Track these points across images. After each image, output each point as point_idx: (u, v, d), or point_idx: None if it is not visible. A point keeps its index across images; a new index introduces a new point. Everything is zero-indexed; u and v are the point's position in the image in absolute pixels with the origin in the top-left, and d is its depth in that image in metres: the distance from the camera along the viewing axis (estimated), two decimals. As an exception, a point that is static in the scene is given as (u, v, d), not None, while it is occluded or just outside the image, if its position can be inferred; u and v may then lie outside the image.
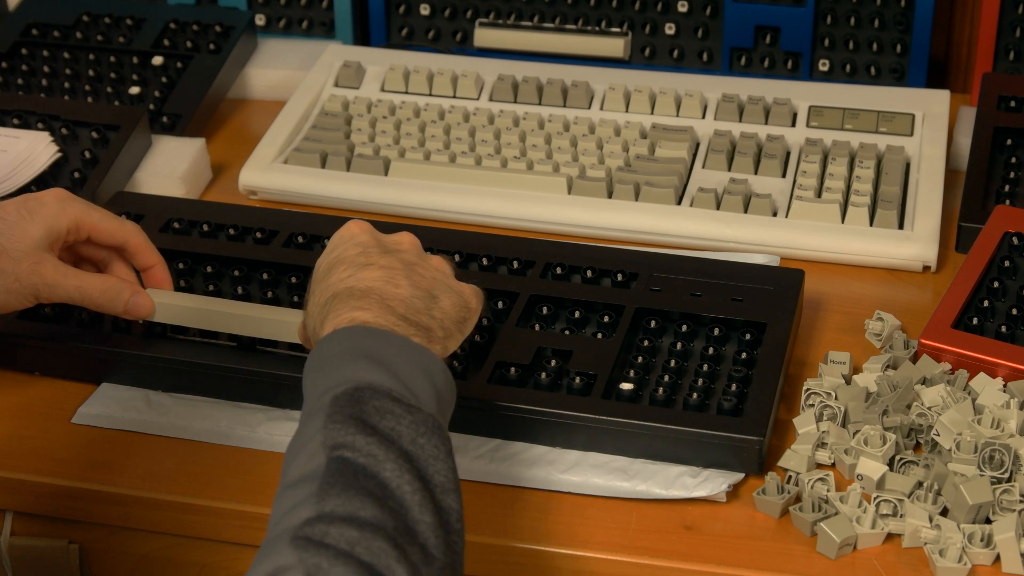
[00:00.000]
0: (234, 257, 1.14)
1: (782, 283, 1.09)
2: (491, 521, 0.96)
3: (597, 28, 1.46)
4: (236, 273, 1.13)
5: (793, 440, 1.00)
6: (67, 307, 1.09)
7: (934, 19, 1.38)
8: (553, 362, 1.02)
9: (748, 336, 1.05)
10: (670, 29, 1.45)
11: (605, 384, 1.00)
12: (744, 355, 1.03)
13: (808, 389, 1.03)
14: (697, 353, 1.05)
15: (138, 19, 1.49)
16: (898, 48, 1.40)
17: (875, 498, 0.94)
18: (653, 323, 1.06)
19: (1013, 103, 1.30)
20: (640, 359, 1.03)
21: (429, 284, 0.90)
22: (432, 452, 0.79)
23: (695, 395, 0.99)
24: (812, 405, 1.02)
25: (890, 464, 0.97)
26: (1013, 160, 1.26)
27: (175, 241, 1.16)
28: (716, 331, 1.06)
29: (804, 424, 1.01)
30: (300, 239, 1.16)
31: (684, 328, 1.06)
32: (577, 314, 1.07)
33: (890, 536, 0.94)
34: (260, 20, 1.53)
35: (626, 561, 0.93)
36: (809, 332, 1.12)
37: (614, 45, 1.45)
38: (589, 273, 1.11)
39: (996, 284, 1.10)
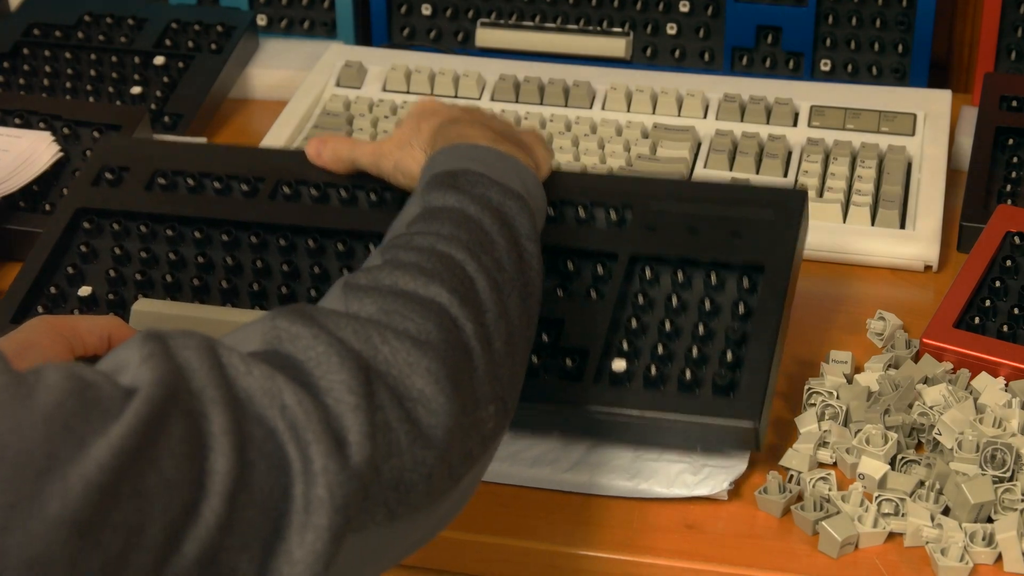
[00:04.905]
0: (222, 219, 1.11)
1: (782, 208, 1.04)
2: (493, 521, 0.96)
3: (599, 28, 1.46)
4: (224, 238, 1.10)
5: (795, 439, 1.00)
6: (64, 305, 1.09)
7: (936, 19, 1.38)
8: (544, 337, 1.00)
9: (746, 282, 1.01)
10: (672, 29, 1.45)
11: (598, 362, 0.98)
12: (742, 307, 1.00)
13: (810, 388, 1.03)
14: (694, 306, 1.01)
15: (140, 19, 1.49)
16: (900, 48, 1.40)
17: (877, 497, 0.94)
18: (648, 272, 1.03)
19: (1015, 103, 1.30)
20: (634, 322, 1.00)
21: (510, 127, 1.02)
22: (517, 211, 0.89)
23: (688, 371, 0.96)
24: (814, 404, 1.02)
25: (892, 463, 0.97)
26: (1015, 160, 1.26)
27: (159, 202, 1.13)
28: (713, 278, 1.02)
29: (806, 423, 1.01)
30: (286, 189, 1.11)
31: (680, 277, 1.02)
32: (570, 265, 1.04)
33: (892, 535, 0.94)
34: (262, 20, 1.53)
35: (628, 560, 0.93)
36: (811, 331, 1.12)
37: (616, 45, 1.45)
38: (582, 212, 1.06)
39: (998, 284, 1.10)
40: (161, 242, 1.10)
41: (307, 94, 1.39)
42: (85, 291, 1.09)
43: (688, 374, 0.97)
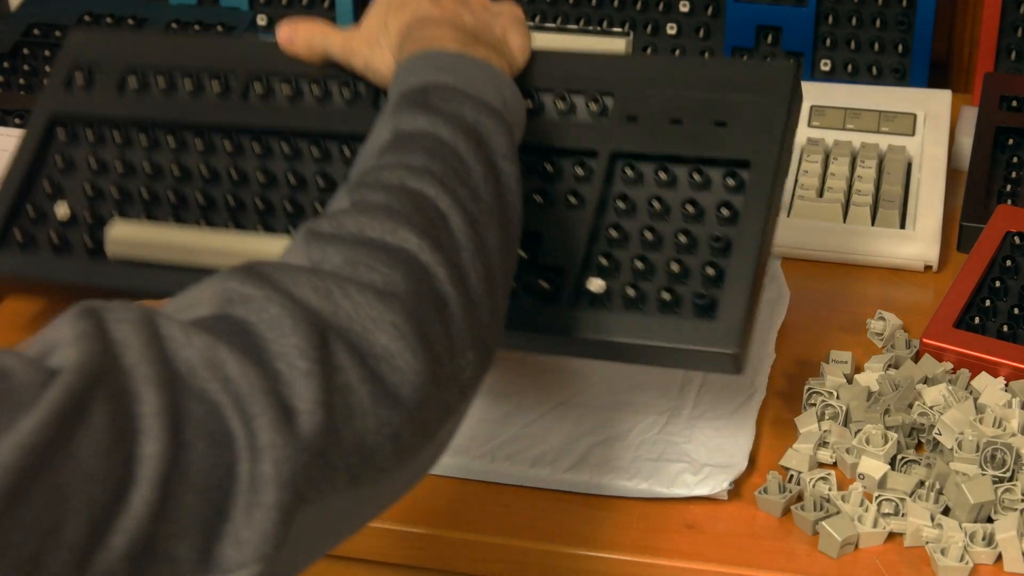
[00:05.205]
0: (196, 123, 1.09)
1: (770, 89, 0.98)
2: (492, 520, 0.96)
3: (599, 28, 1.46)
4: (199, 146, 1.08)
5: (795, 439, 1.00)
6: (43, 226, 1.09)
7: (936, 19, 1.38)
8: (522, 253, 0.95)
9: (731, 181, 0.96)
10: (672, 29, 1.45)
11: (575, 280, 0.94)
12: (726, 210, 0.95)
13: (810, 388, 1.03)
14: (676, 209, 0.96)
15: (140, 19, 1.49)
16: (900, 48, 1.40)
17: (877, 497, 0.94)
18: (630, 172, 0.98)
19: (1015, 103, 1.30)
20: (614, 232, 0.96)
21: (484, 16, 0.98)
22: (493, 127, 0.84)
23: (669, 291, 0.92)
24: (814, 404, 1.02)
25: (892, 463, 0.97)
26: (1015, 160, 1.26)
27: (133, 105, 1.11)
28: (697, 176, 0.96)
29: (806, 423, 1.01)
30: (258, 86, 1.09)
31: (663, 176, 0.97)
32: (548, 167, 0.99)
33: (892, 535, 0.94)
34: (262, 20, 1.53)
35: (628, 560, 0.93)
36: (811, 331, 1.12)
37: (616, 45, 1.45)
38: (560, 103, 1.01)
39: (998, 283, 1.10)
40: (136, 150, 1.09)
41: (307, 94, 1.39)
42: (64, 213, 1.08)
43: (668, 294, 0.92)
